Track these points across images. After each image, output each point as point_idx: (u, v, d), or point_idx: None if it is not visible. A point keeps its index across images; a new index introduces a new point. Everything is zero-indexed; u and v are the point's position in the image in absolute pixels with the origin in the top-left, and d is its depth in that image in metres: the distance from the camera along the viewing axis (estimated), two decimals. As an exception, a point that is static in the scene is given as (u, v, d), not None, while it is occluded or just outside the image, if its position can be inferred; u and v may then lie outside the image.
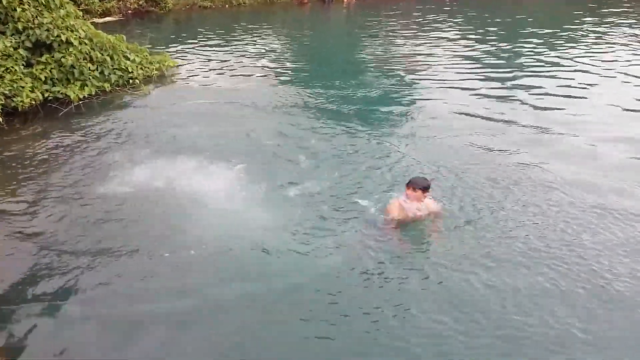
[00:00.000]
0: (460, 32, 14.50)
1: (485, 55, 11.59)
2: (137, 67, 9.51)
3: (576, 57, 11.15)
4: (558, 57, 11.21)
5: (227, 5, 20.41)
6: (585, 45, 12.32)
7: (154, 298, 3.93)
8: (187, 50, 12.83)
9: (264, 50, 12.90)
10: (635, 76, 9.60)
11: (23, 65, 8.05)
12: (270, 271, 4.24)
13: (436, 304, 3.78)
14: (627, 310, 3.68)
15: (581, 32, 14.13)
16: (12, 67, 7.79)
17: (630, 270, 4.06)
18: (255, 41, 14.02)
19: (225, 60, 11.76)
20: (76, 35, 8.61)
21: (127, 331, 3.61)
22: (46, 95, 8.09)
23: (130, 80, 9.26)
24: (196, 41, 13.89)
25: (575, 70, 10.13)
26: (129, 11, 17.89)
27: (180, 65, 10.81)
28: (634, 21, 15.73)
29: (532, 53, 11.69)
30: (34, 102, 7.84)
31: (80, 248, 4.55)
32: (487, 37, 13.67)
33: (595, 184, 5.50)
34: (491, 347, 3.39)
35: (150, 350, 3.46)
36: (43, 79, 8.11)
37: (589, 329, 3.52)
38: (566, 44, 12.56)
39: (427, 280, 4.04)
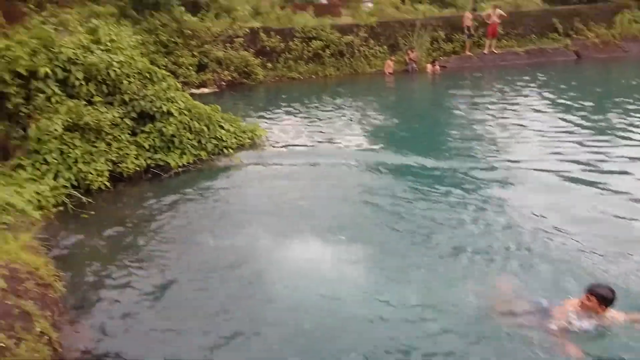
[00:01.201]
0: (549, 100, 14.05)
1: (580, 124, 11.04)
2: (231, 136, 9.90)
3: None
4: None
5: (313, 77, 21.16)
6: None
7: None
8: (277, 118, 13.30)
9: (350, 118, 13.11)
10: None
11: (129, 134, 8.61)
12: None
13: None
14: None
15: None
16: (120, 135, 8.35)
17: None
18: (341, 109, 14.32)
19: (313, 128, 12.03)
20: (176, 107, 9.15)
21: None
22: (149, 162, 8.56)
23: (225, 149, 9.62)
24: (285, 110, 14.39)
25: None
26: (223, 83, 18.97)
27: (270, 133, 11.14)
28: None
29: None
30: (137, 168, 8.31)
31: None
32: (579, 106, 13.12)
33: None
34: None
35: None
36: (147, 147, 8.62)
37: None
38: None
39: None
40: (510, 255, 5.46)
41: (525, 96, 14.69)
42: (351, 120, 12.71)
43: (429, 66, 21.73)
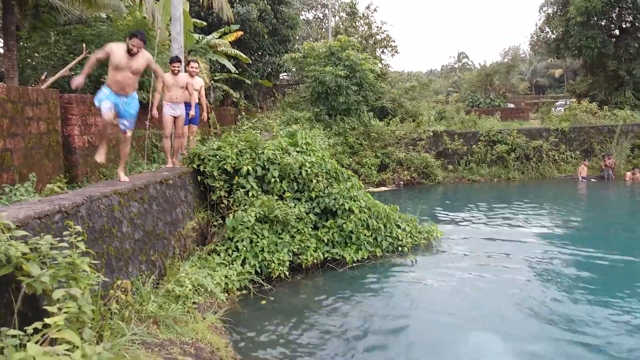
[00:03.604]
0: None
1: None
2: (406, 235, 9.94)
3: None
4: None
5: (495, 180, 20.57)
6: None
7: None
8: (454, 220, 13.03)
9: (533, 225, 12.29)
10: None
11: (311, 227, 9.15)
12: None
13: None
14: None
15: None
16: (303, 229, 8.92)
17: None
18: (524, 215, 13.55)
19: (491, 232, 11.51)
20: (357, 205, 9.55)
21: None
22: (326, 255, 8.93)
23: (399, 248, 9.66)
24: (463, 213, 14.07)
25: None
26: (402, 182, 19.41)
27: (446, 235, 10.92)
28: None
29: None
30: (315, 261, 8.71)
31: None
32: None
33: None
34: None
35: None
36: (325, 240, 9.06)
37: None
38: None
39: None
40: None
41: None
42: (531, 229, 11.89)
43: (628, 174, 19.82)
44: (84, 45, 10.63)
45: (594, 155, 21.29)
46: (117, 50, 6.35)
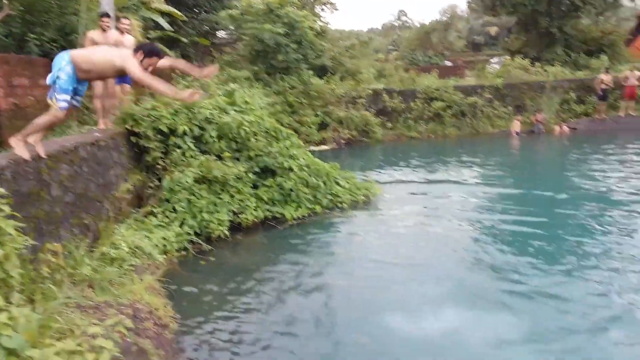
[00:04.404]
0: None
1: None
2: (346, 192, 10.13)
3: None
4: None
5: (433, 136, 21.12)
6: None
7: None
8: (393, 177, 13.36)
9: (469, 179, 12.80)
10: None
11: (250, 187, 9.15)
12: None
13: None
14: None
15: None
16: (242, 188, 8.90)
17: None
18: (460, 169, 14.06)
19: (428, 188, 11.91)
20: (297, 163, 9.61)
21: None
22: (266, 214, 8.99)
23: (339, 204, 9.84)
24: (401, 169, 14.45)
25: None
26: (342, 141, 19.58)
27: (384, 191, 11.19)
28: None
29: None
30: (255, 220, 8.75)
31: None
32: None
33: None
34: None
35: None
36: (265, 199, 9.09)
37: None
38: None
39: None
40: None
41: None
42: (468, 183, 12.39)
43: (557, 128, 20.82)
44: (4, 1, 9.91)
45: (525, 111, 22.15)
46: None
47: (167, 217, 7.89)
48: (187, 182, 8.14)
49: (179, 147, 8.66)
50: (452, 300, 6.04)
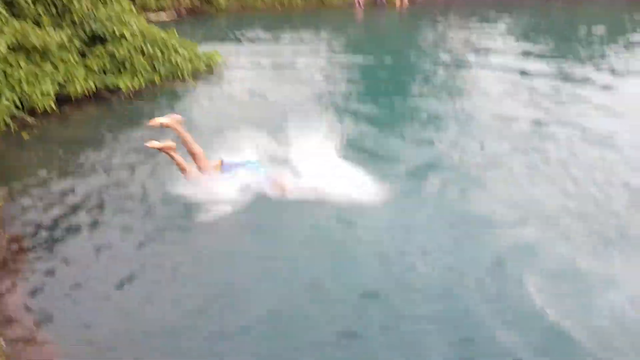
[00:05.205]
0: (514, 34, 14.12)
1: (544, 62, 11.11)
2: (186, 61, 9.72)
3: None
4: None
5: (278, 6, 20.64)
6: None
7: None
8: (237, 47, 13.05)
9: (312, 50, 12.94)
10: None
11: (78, 56, 8.37)
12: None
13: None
14: None
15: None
16: (67, 57, 8.11)
17: None
18: (304, 40, 14.10)
19: (273, 58, 11.86)
20: (129, 30, 8.90)
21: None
22: (98, 84, 8.38)
23: (180, 74, 9.46)
24: (246, 39, 14.11)
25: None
26: (183, 10, 18.35)
27: (228, 61, 10.94)
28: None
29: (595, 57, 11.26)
30: (86, 91, 8.13)
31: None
32: (545, 41, 13.23)
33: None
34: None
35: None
36: (96, 69, 8.42)
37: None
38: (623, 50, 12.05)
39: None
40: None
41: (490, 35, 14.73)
42: (311, 54, 12.55)
43: (397, 1, 21.51)
44: None
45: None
46: None
47: (-21, 89, 6.99)
48: (0, 51, 7.17)
49: (-14, 11, 7.49)
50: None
